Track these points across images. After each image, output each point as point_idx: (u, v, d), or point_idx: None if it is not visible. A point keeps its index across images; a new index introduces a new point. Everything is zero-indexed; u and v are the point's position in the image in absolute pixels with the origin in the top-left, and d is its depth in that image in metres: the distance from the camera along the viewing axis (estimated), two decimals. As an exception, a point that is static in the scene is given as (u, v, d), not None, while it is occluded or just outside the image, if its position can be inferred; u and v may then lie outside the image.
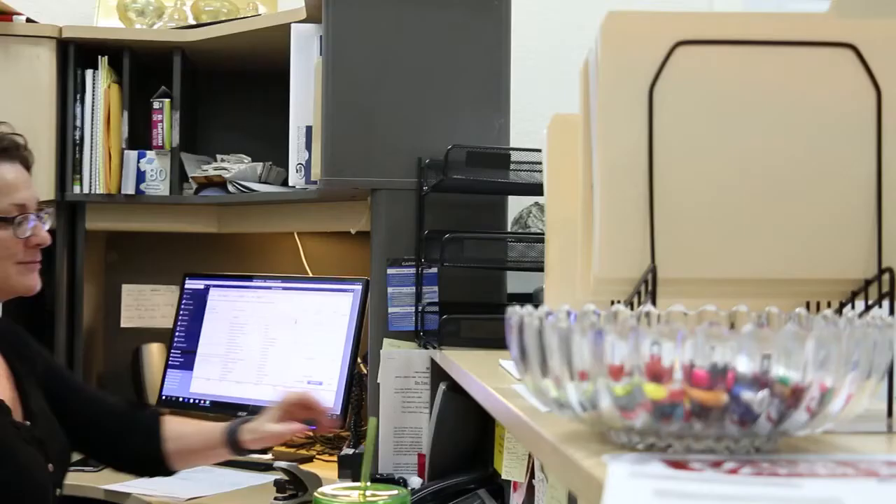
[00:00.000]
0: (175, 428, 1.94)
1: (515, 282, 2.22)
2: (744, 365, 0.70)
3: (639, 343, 0.71)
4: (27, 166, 1.84)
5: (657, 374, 0.71)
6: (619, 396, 0.73)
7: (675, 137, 0.96)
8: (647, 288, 0.96)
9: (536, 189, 2.00)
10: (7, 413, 1.73)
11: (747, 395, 0.70)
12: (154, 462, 1.93)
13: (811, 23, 0.96)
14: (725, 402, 0.71)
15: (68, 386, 1.93)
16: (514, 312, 0.81)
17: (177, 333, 2.77)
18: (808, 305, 1.00)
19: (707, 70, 0.96)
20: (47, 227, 1.82)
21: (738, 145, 0.96)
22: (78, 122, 2.71)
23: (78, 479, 2.25)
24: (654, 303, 0.94)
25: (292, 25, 2.36)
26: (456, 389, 1.92)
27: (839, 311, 0.91)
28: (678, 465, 0.70)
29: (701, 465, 0.69)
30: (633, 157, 0.96)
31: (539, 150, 1.88)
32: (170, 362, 2.75)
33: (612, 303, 0.99)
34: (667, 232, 0.96)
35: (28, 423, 1.76)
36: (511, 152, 2.06)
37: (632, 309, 0.94)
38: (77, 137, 2.69)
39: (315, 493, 1.40)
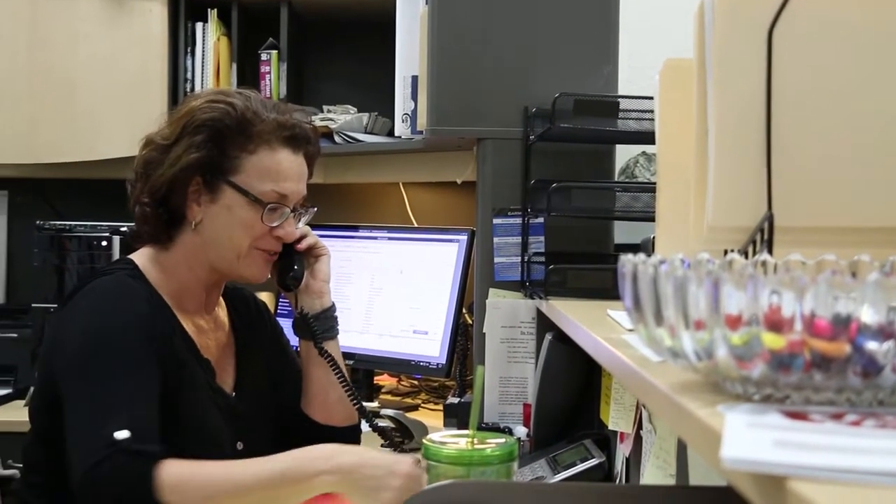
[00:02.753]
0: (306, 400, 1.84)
1: (622, 232, 2.20)
2: (868, 315, 0.68)
3: (757, 292, 0.69)
4: (310, 160, 1.76)
5: (776, 324, 0.69)
6: (735, 346, 0.71)
7: (795, 81, 0.93)
8: (763, 236, 0.94)
9: (644, 137, 1.96)
10: (211, 374, 1.68)
11: (872, 345, 0.68)
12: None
13: (942, -41, 0.92)
14: (848, 353, 0.69)
15: (288, 367, 1.86)
16: (628, 261, 0.79)
17: (285, 283, 2.81)
18: (933, 255, 0.96)
19: (830, 11, 0.92)
20: (301, 224, 1.77)
21: (862, 89, 0.93)
22: (189, 74, 2.77)
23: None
24: (770, 251, 0.92)
25: (398, -25, 2.36)
26: (562, 339, 1.91)
27: (968, 261, 0.88)
28: (797, 416, 0.68)
29: (821, 417, 0.67)
30: (750, 103, 0.93)
31: (648, 98, 1.84)
32: (278, 312, 2.80)
33: (725, 252, 0.97)
34: (784, 179, 0.93)
35: (234, 394, 1.72)
36: (619, 100, 2.03)
37: (746, 258, 0.92)
38: (188, 89, 2.75)
39: (423, 441, 1.41)
